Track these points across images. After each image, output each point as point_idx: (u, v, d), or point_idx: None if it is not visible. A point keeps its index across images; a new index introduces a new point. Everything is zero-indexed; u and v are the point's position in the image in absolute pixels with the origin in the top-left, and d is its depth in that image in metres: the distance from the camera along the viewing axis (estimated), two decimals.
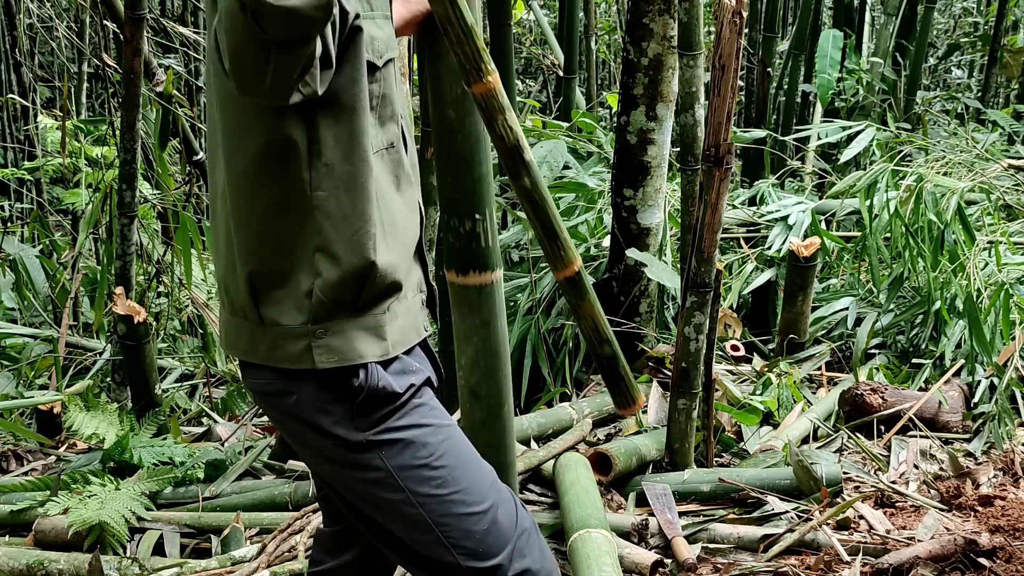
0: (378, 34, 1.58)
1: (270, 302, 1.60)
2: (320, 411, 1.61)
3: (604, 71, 10.83)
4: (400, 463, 1.60)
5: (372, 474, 1.60)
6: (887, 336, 4.58)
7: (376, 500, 1.63)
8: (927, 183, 4.57)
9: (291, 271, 1.58)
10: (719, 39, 2.81)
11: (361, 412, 1.59)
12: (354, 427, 1.59)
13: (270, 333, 1.61)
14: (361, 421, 1.59)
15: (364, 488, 1.63)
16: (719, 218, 3.01)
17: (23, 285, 5.21)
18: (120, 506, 3.08)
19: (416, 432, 1.61)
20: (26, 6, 6.89)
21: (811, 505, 3.09)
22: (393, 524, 1.66)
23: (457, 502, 1.60)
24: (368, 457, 1.60)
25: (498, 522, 1.63)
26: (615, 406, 1.66)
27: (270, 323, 1.60)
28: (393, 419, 1.61)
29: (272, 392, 1.64)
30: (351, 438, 1.60)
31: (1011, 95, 9.33)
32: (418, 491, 1.60)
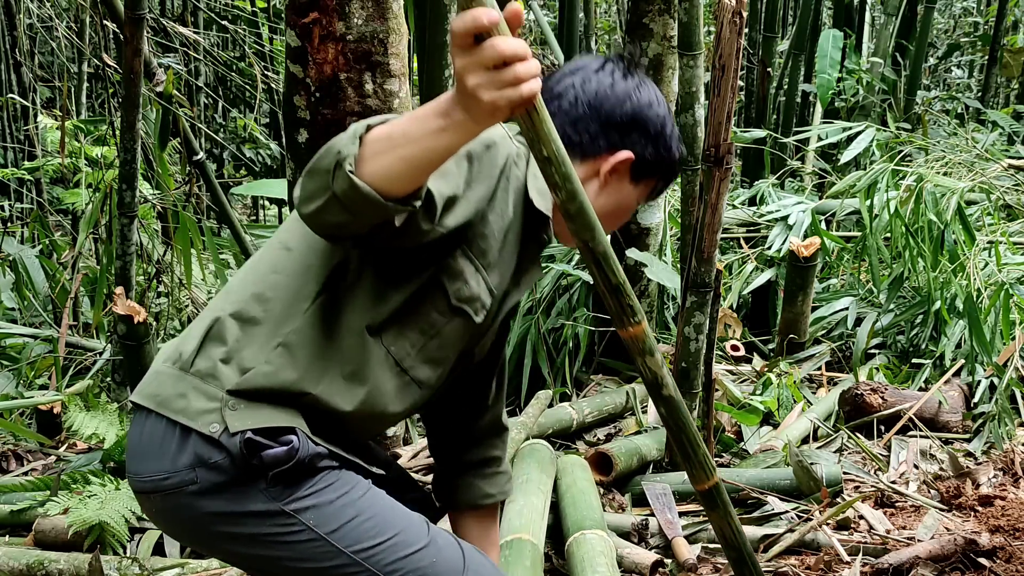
0: (474, 287, 1.61)
1: (208, 355, 1.57)
2: (228, 495, 1.53)
3: None
4: (329, 526, 1.55)
5: (303, 545, 1.55)
6: (887, 336, 4.58)
7: (319, 571, 1.57)
8: (927, 183, 4.57)
9: (248, 341, 1.56)
10: (719, 39, 2.81)
11: (278, 482, 1.53)
12: (271, 499, 1.53)
13: (186, 380, 1.56)
14: (276, 491, 1.53)
15: (300, 562, 1.57)
16: (719, 218, 3.01)
17: (23, 285, 5.21)
18: (120, 506, 3.08)
19: (336, 492, 1.57)
20: (26, 6, 6.90)
21: (811, 505, 3.09)
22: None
23: (397, 545, 1.57)
24: (293, 527, 1.54)
25: (443, 551, 1.61)
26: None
27: (193, 372, 1.56)
28: (308, 483, 1.55)
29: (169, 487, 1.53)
30: (270, 509, 1.53)
31: (1011, 95, 9.34)
32: (355, 548, 1.55)
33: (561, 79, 1.76)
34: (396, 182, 1.33)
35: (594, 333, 4.31)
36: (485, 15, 1.19)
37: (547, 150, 1.34)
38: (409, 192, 1.35)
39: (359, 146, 1.32)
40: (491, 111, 1.25)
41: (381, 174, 1.32)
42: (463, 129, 1.29)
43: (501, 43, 1.20)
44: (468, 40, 1.20)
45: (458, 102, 1.27)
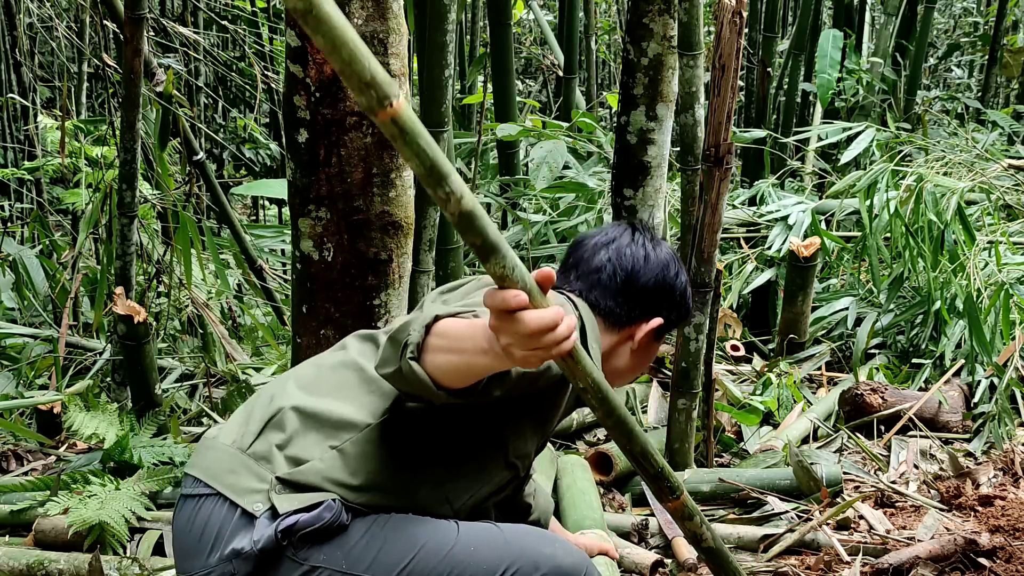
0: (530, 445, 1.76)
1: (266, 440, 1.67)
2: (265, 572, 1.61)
3: (604, 71, 10.83)
4: (362, 565, 1.62)
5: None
6: (887, 336, 4.58)
7: None
8: (927, 183, 4.57)
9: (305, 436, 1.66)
10: (719, 39, 2.81)
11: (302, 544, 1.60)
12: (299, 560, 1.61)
13: (240, 459, 1.66)
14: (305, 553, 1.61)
15: None
16: (719, 218, 3.01)
17: (23, 285, 5.21)
18: (120, 506, 3.08)
19: (358, 534, 1.64)
20: (26, 6, 6.89)
21: (811, 505, 3.09)
22: None
23: (432, 550, 1.64)
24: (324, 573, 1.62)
25: (477, 536, 1.68)
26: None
27: (249, 453, 1.66)
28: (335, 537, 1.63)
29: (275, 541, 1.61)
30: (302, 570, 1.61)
31: (1011, 95, 9.34)
32: (395, 571, 1.62)
33: (596, 252, 1.91)
34: (450, 379, 1.43)
35: None
36: (514, 299, 1.21)
37: (584, 383, 1.42)
38: (465, 387, 1.44)
39: (425, 335, 1.43)
40: (524, 364, 1.31)
41: (434, 367, 1.43)
42: (502, 361, 1.34)
43: (531, 320, 1.23)
44: (502, 313, 1.24)
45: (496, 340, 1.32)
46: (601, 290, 1.86)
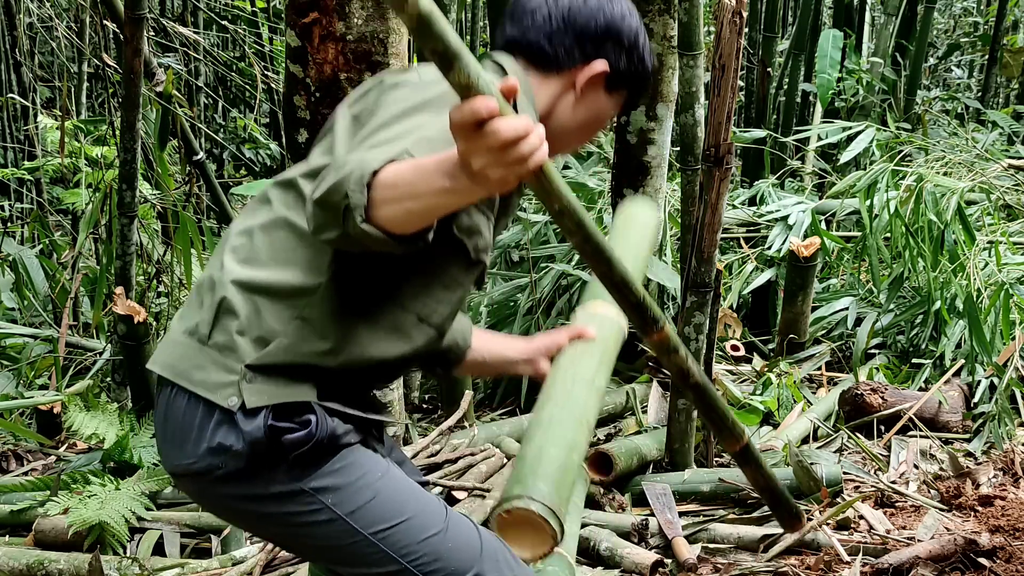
0: (485, 233, 1.64)
1: (224, 328, 1.58)
2: (251, 478, 1.56)
3: None
4: (348, 507, 1.58)
5: (323, 525, 1.58)
6: (887, 336, 4.58)
7: (336, 548, 1.61)
8: (927, 183, 4.57)
9: (263, 314, 1.57)
10: (719, 39, 2.81)
11: (298, 463, 1.56)
12: (290, 478, 1.56)
13: (204, 353, 1.58)
14: (297, 471, 1.56)
15: (321, 539, 1.61)
16: (719, 218, 3.01)
17: (23, 285, 5.21)
18: (120, 506, 3.08)
19: (355, 473, 1.59)
20: (26, 6, 6.89)
21: (811, 505, 3.09)
22: (361, 568, 1.62)
23: (414, 528, 1.59)
24: (313, 507, 1.57)
25: (460, 536, 1.63)
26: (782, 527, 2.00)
27: (211, 345, 1.58)
28: (328, 465, 1.58)
29: (197, 471, 1.58)
30: (291, 489, 1.57)
31: (1011, 95, 9.34)
32: (373, 529, 1.58)
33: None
34: (405, 227, 1.36)
35: None
36: (484, 107, 1.16)
37: (559, 204, 1.36)
38: (420, 230, 1.38)
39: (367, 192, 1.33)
40: (500, 185, 1.26)
41: (389, 221, 1.34)
42: (469, 193, 1.29)
43: (504, 128, 1.18)
44: (469, 127, 1.19)
45: (463, 170, 1.27)
46: (537, 31, 1.70)
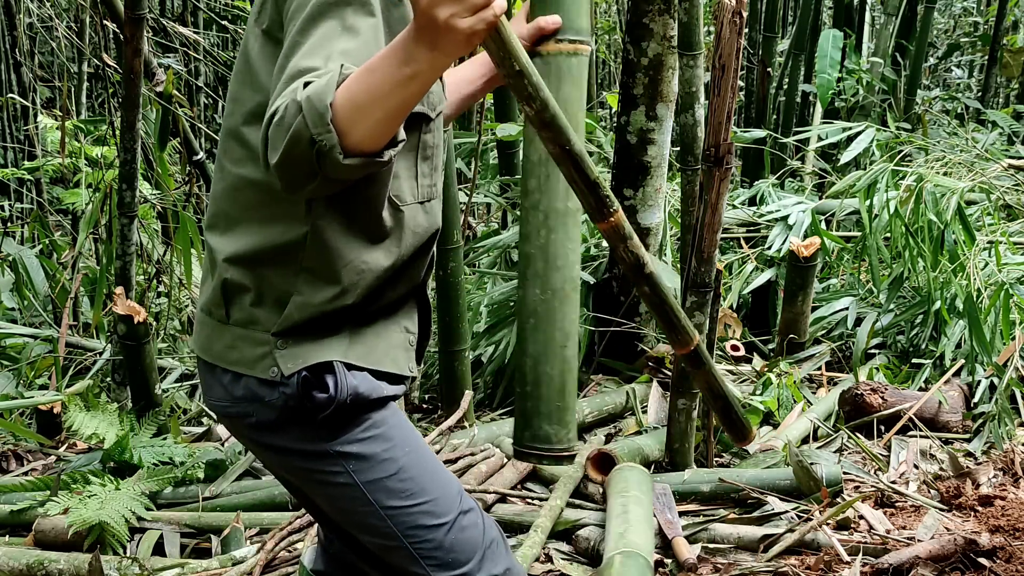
0: (434, 88, 1.58)
1: (239, 305, 1.59)
2: (281, 431, 1.59)
3: (604, 71, 10.83)
4: (367, 477, 1.58)
5: (339, 487, 1.59)
6: (887, 336, 4.58)
7: (346, 510, 1.63)
8: (927, 183, 4.57)
9: (272, 281, 1.56)
10: (719, 39, 2.81)
11: (326, 424, 1.56)
12: (319, 439, 1.57)
13: (230, 331, 1.59)
14: (325, 432, 1.57)
15: (333, 498, 1.63)
16: (719, 218, 3.00)
17: (23, 285, 5.21)
18: (120, 506, 3.08)
19: (381, 446, 1.59)
20: (26, 6, 6.89)
21: (811, 505, 3.09)
22: (364, 534, 1.65)
23: (424, 513, 1.60)
24: (334, 469, 1.58)
25: (465, 532, 1.63)
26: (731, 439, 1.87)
27: (234, 323, 1.59)
28: (358, 431, 1.58)
29: (232, 415, 1.62)
30: (316, 449, 1.58)
31: (1011, 95, 9.34)
32: (385, 503, 1.59)
33: None
34: (382, 139, 1.33)
35: (594, 333, 4.31)
36: None
37: (518, 64, 1.33)
38: (395, 135, 1.35)
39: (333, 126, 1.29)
40: (467, 39, 1.23)
41: (366, 141, 1.31)
42: (432, 67, 1.27)
43: None
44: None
45: (421, 41, 1.25)
46: None
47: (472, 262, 5.05)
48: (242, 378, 1.58)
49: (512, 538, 3.04)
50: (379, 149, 1.33)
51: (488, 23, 1.23)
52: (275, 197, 1.52)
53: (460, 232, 4.05)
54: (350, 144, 1.30)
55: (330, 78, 1.30)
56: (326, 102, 1.28)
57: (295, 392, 1.54)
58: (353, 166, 1.32)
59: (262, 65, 1.53)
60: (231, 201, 1.60)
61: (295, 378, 1.54)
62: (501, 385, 4.41)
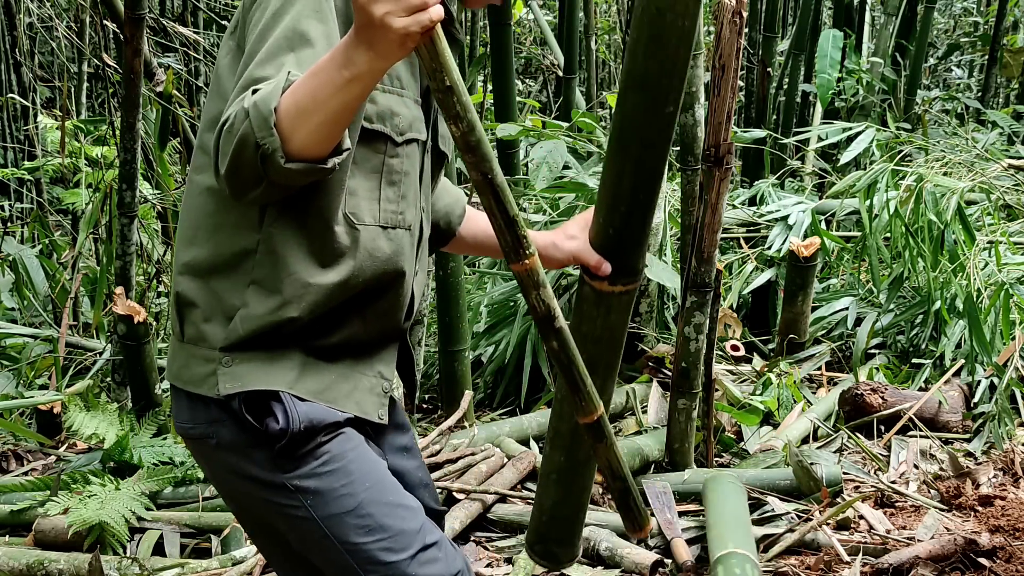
0: (401, 111, 1.56)
1: (191, 321, 1.58)
2: (241, 456, 1.57)
3: (604, 71, 10.83)
4: (325, 512, 1.56)
5: (298, 520, 1.57)
6: (887, 336, 4.58)
7: (306, 542, 1.61)
8: (927, 183, 4.57)
9: (222, 295, 1.55)
10: (719, 39, 2.81)
11: (283, 455, 1.54)
12: (276, 469, 1.55)
13: (184, 350, 1.59)
14: (284, 463, 1.55)
15: (293, 530, 1.61)
16: (719, 218, 3.01)
17: (23, 285, 5.21)
18: (120, 506, 3.08)
19: (340, 480, 1.57)
20: (26, 6, 6.89)
21: (811, 505, 3.09)
22: (325, 567, 1.63)
23: (384, 549, 1.57)
24: (292, 503, 1.56)
25: (425, 567, 1.60)
26: (626, 529, 1.72)
27: (187, 340, 1.59)
28: (316, 464, 1.56)
29: (195, 436, 1.60)
30: (274, 480, 1.56)
31: (1011, 95, 9.33)
32: (344, 539, 1.56)
33: None
34: (325, 144, 1.34)
35: None
36: None
37: (449, 79, 1.30)
38: (339, 142, 1.36)
39: (276, 131, 1.30)
40: (402, 40, 1.24)
41: (308, 146, 1.32)
42: (370, 71, 1.27)
43: None
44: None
45: (359, 43, 1.26)
46: None
47: (472, 262, 5.05)
48: (199, 399, 1.56)
49: (512, 538, 3.04)
50: (323, 155, 1.34)
51: (423, 26, 1.23)
52: (228, 205, 1.52)
53: None
54: (293, 149, 1.32)
55: (276, 84, 1.33)
56: (271, 106, 1.31)
57: (240, 416, 1.52)
58: (295, 171, 1.33)
59: (227, 75, 1.55)
60: (189, 209, 1.60)
61: (236, 401, 1.52)
62: (501, 385, 4.41)
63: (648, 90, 1.58)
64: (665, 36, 1.54)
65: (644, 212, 1.67)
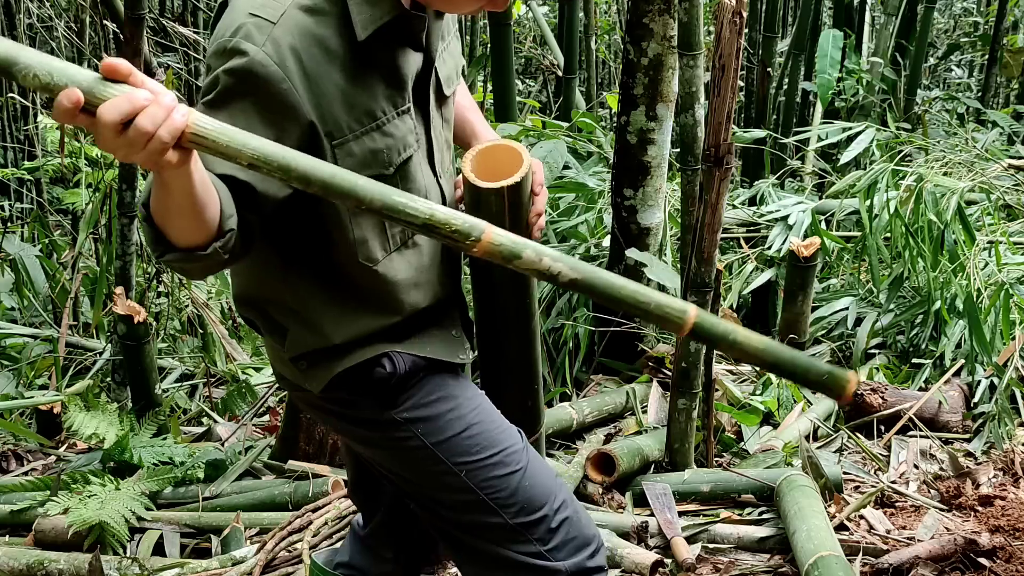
0: (383, 143, 1.57)
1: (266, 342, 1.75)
2: (353, 405, 1.68)
3: (604, 71, 10.83)
4: (437, 438, 1.65)
5: (412, 451, 1.67)
6: (887, 336, 4.58)
7: (422, 473, 1.70)
8: (927, 183, 4.56)
9: (270, 318, 1.67)
10: (719, 39, 2.81)
11: (394, 391, 1.65)
12: (385, 407, 1.65)
13: (274, 352, 1.74)
14: (391, 401, 1.65)
15: (408, 464, 1.71)
16: (719, 218, 3.00)
17: (23, 285, 5.21)
18: (120, 506, 3.08)
19: (447, 405, 1.67)
20: (26, 6, 6.89)
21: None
22: (441, 494, 1.71)
23: (497, 463, 1.66)
24: (404, 435, 1.66)
25: (536, 476, 1.70)
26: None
27: (271, 343, 1.73)
28: (421, 395, 1.66)
29: (310, 405, 1.76)
30: (386, 418, 1.66)
31: (1011, 95, 9.33)
32: (458, 460, 1.65)
33: None
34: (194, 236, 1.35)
35: (594, 333, 4.31)
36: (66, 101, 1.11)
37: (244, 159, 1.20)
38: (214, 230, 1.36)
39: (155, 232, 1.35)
40: (156, 168, 1.21)
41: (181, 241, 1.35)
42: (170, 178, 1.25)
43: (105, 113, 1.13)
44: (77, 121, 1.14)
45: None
46: None
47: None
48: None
49: None
50: (203, 246, 1.36)
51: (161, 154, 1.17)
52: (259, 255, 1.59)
53: None
54: (172, 241, 1.36)
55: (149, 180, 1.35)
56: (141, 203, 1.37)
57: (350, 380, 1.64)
58: (171, 261, 1.38)
59: None
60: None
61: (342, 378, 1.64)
62: None
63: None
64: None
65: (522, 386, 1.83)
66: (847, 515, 2.98)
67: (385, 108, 1.57)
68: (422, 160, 1.66)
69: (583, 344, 4.26)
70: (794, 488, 2.94)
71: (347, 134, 1.52)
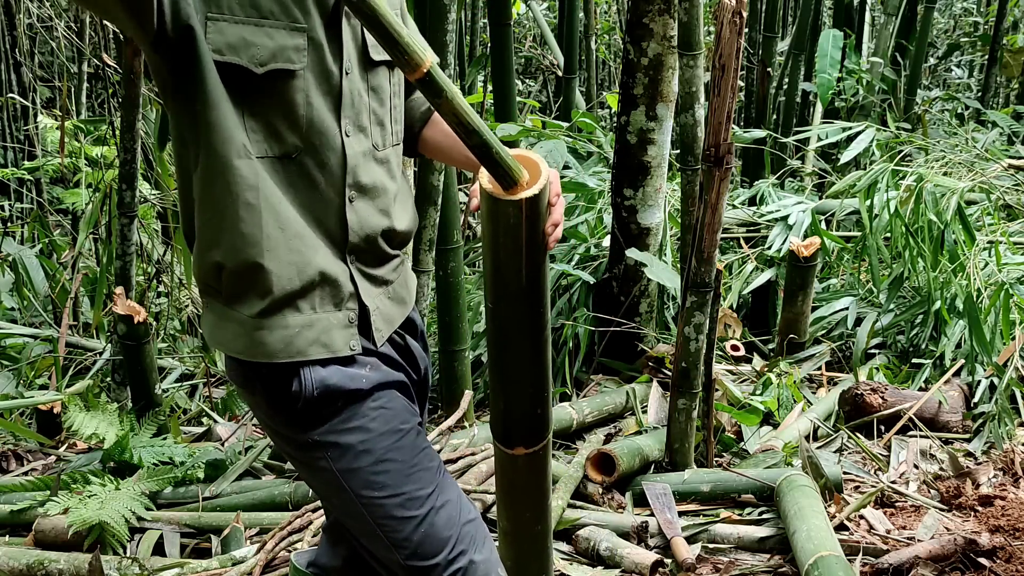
0: (259, 40, 1.55)
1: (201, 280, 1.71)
2: (273, 410, 1.68)
3: (604, 71, 10.83)
4: (343, 466, 1.65)
5: (321, 472, 1.68)
6: (887, 336, 4.58)
7: (328, 495, 1.73)
8: (927, 183, 4.56)
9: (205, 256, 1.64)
10: (719, 39, 2.81)
11: (306, 413, 1.64)
12: (300, 427, 1.65)
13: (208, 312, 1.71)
14: (307, 421, 1.65)
15: (317, 484, 1.74)
16: (719, 218, 3.00)
17: (23, 285, 5.21)
18: (120, 506, 3.08)
19: (359, 437, 1.65)
20: (26, 6, 6.89)
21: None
22: (345, 519, 1.74)
23: (397, 505, 1.66)
24: (315, 456, 1.66)
25: (436, 525, 1.68)
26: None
27: (206, 303, 1.71)
28: (337, 421, 1.65)
29: (240, 383, 1.72)
30: (298, 438, 1.67)
31: (1011, 95, 9.34)
32: (360, 493, 1.66)
33: None
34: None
35: (594, 333, 4.31)
36: None
37: None
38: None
39: None
40: None
41: None
42: None
43: None
44: None
45: None
46: None
47: (472, 262, 5.05)
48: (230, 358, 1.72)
49: None
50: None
51: None
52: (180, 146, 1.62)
53: (460, 232, 4.05)
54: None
55: None
56: None
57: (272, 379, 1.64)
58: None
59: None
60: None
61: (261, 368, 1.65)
62: None
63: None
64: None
65: (533, 394, 1.76)
66: (847, 515, 2.98)
67: (275, 11, 1.56)
68: (314, 93, 1.61)
69: (583, 344, 4.26)
70: (794, 488, 2.94)
71: (225, 14, 1.53)
